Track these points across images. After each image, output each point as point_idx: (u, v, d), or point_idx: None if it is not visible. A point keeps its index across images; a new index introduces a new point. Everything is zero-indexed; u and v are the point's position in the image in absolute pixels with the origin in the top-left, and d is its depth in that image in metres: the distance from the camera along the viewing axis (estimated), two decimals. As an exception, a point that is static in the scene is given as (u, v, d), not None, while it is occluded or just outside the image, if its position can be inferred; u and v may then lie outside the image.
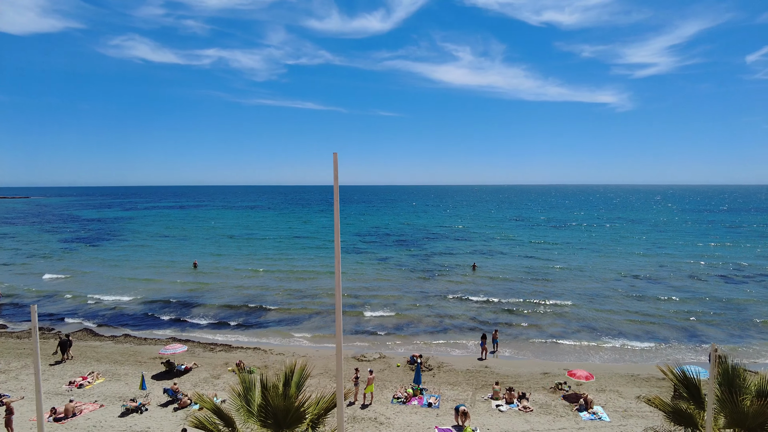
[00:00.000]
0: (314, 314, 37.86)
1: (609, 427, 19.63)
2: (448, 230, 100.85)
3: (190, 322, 36.23)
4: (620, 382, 24.49)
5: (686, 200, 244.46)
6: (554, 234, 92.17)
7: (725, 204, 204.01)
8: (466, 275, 52.23)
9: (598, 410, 21.04)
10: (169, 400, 22.37)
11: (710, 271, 53.19)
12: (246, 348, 30.15)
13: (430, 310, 38.66)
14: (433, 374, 25.67)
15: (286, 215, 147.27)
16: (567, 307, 39.15)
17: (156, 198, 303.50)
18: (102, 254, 68.03)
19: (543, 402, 22.18)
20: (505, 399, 22.29)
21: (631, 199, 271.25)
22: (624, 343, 31.24)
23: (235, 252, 70.04)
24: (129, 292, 45.18)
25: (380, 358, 28.35)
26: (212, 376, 25.51)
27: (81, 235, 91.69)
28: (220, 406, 9.75)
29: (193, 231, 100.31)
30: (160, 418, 20.71)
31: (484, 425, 19.92)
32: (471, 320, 36.19)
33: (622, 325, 34.79)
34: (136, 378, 25.22)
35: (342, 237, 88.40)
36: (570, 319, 36.04)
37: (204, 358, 28.36)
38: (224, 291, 45.66)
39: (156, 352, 29.33)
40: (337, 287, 7.68)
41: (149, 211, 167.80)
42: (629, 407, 21.39)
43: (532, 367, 26.93)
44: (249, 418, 9.67)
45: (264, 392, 9.64)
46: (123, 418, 20.73)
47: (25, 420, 20.29)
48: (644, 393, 22.87)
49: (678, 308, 38.59)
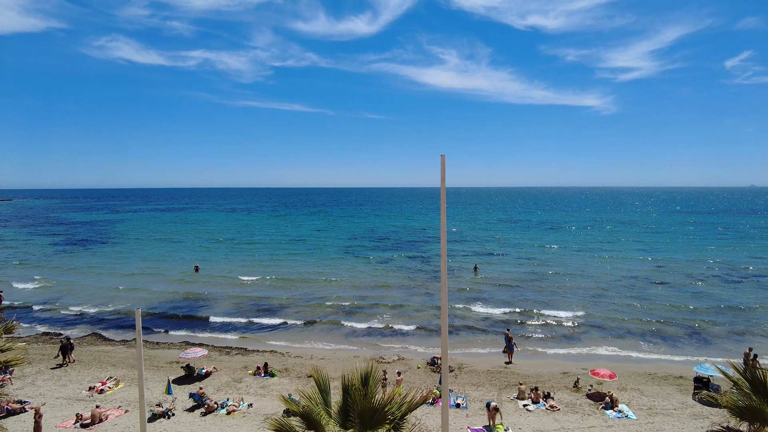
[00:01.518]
0: (323, 317, 37.77)
1: (637, 425, 20.01)
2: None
3: (199, 326, 35.88)
4: (639, 380, 24.96)
5: (673, 203, 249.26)
6: (549, 236, 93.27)
7: (711, 206, 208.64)
8: (468, 277, 52.59)
9: (623, 408, 21.42)
10: (195, 404, 22.17)
11: (707, 272, 54.40)
12: (262, 351, 29.99)
13: (439, 312, 38.85)
14: (456, 375, 25.86)
15: (276, 218, 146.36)
16: (574, 307, 39.70)
17: (141, 200, 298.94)
18: (98, 258, 66.88)
19: (568, 401, 22.51)
20: (531, 398, 22.58)
21: (617, 201, 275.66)
22: (634, 342, 31.83)
23: (232, 256, 69.47)
24: (132, 296, 44.55)
25: (399, 359, 28.45)
26: (233, 379, 25.33)
27: (72, 239, 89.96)
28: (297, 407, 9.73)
29: (185, 234, 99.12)
30: (189, 423, 20.52)
31: (515, 424, 20.16)
32: (481, 321, 36.50)
33: (629, 324, 35.41)
34: (157, 383, 24.92)
35: (338, 239, 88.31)
36: (578, 319, 36.58)
37: (221, 361, 28.13)
38: (228, 294, 45.28)
39: (172, 356, 29.01)
40: (443, 287, 7.80)
41: (136, 214, 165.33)
42: (653, 405, 21.82)
43: (550, 367, 27.30)
44: (328, 420, 9.70)
45: (348, 394, 9.68)
46: (151, 424, 20.50)
47: (50, 426, 19.91)
48: (666, 391, 23.36)
49: (681, 308, 39.42)
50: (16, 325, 13.85)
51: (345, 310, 39.54)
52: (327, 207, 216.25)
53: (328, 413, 9.86)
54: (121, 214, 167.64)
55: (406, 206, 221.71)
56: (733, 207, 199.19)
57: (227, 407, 21.72)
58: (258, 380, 25.15)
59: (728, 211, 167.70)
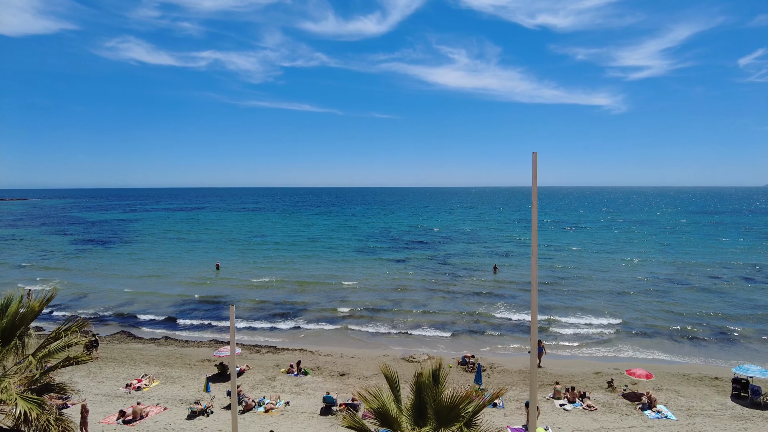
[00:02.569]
0: (346, 317, 37.90)
1: (678, 425, 19.89)
2: (456, 232, 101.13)
3: (224, 324, 36.13)
4: (674, 381, 24.77)
5: (687, 202, 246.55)
6: (566, 237, 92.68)
7: (727, 205, 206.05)
8: (488, 277, 52.46)
9: (662, 409, 21.29)
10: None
11: (731, 273, 53.78)
12: (292, 350, 30.18)
13: (464, 311, 38.86)
14: (488, 375, 25.84)
15: (288, 218, 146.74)
16: (599, 308, 39.47)
17: (153, 200, 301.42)
18: (118, 257, 67.61)
19: (604, 401, 22.41)
20: (567, 398, 22.51)
21: (630, 200, 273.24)
22: (662, 342, 31.61)
23: (248, 256, 69.83)
24: (155, 295, 45.01)
25: (429, 359, 28.47)
26: (267, 377, 25.51)
27: (90, 238, 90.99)
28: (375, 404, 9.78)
29: (200, 234, 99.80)
30: (228, 421, 20.71)
31: (554, 424, 20.12)
32: (506, 321, 36.42)
33: (656, 325, 35.14)
34: (192, 381, 25.18)
35: (352, 240, 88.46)
36: (605, 319, 36.34)
37: (252, 360, 28.35)
38: (249, 294, 45.58)
39: (202, 354, 29.29)
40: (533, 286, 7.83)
41: (149, 214, 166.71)
42: (692, 406, 21.66)
43: (581, 367, 27.19)
44: (400, 416, 9.76)
45: (422, 391, 9.72)
46: (191, 421, 20.72)
47: (93, 422, 20.22)
48: (703, 392, 23.18)
49: (707, 309, 39.00)
50: (88, 323, 14.08)
51: (368, 310, 39.62)
52: (338, 207, 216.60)
53: (400, 411, 9.92)
54: (134, 213, 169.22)
55: (415, 206, 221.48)
56: (751, 206, 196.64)
57: (265, 405, 21.91)
58: (291, 378, 25.32)
59: (745, 211, 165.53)
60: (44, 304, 11.36)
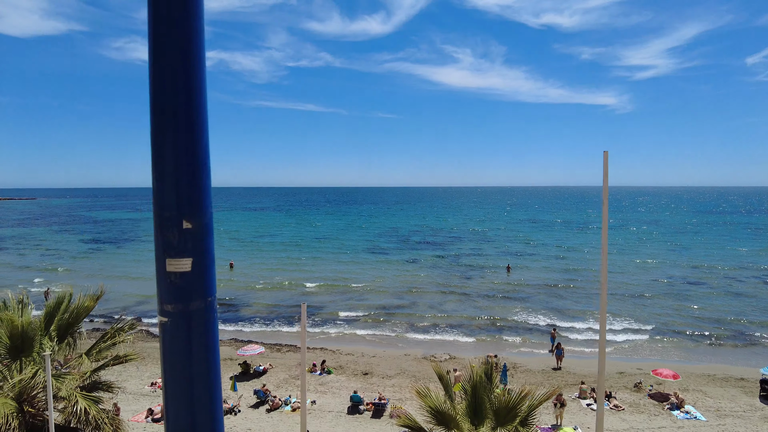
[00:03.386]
0: (361, 317, 37.92)
1: (708, 426, 19.80)
2: (465, 232, 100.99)
3: (242, 323, 36.29)
4: (700, 381, 24.66)
5: (695, 202, 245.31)
6: (576, 237, 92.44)
7: (737, 206, 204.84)
8: (501, 277, 52.39)
9: (690, 409, 21.20)
10: (259, 401, 22.44)
11: (746, 273, 53.48)
12: (313, 348, 30.25)
13: (480, 312, 38.81)
14: (511, 375, 25.79)
15: (294, 217, 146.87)
16: (617, 308, 39.29)
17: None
18: (132, 255, 67.95)
19: (631, 401, 22.34)
20: (593, 398, 22.44)
21: (637, 200, 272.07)
22: (683, 343, 31.48)
23: (258, 255, 70.01)
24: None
25: (451, 358, 28.47)
26: (290, 376, 25.59)
27: (102, 237, 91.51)
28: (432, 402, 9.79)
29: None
30: (257, 420, 20.81)
31: (582, 424, 20.09)
32: (523, 322, 36.33)
33: (674, 326, 34.96)
34: (216, 379, 25.26)
35: (361, 239, 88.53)
36: (622, 320, 36.20)
37: (274, 358, 28.44)
38: (264, 293, 45.69)
39: (223, 353, 29.38)
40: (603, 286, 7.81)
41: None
42: (720, 407, 21.55)
43: (605, 367, 27.04)
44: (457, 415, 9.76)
45: (477, 390, 9.73)
46: (219, 419, 20.79)
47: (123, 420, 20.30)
48: (730, 393, 23.07)
49: (725, 310, 38.80)
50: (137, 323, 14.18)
51: (383, 310, 39.62)
52: (343, 206, 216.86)
53: (454, 409, 9.93)
54: (142, 212, 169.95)
55: (422, 206, 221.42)
56: (761, 206, 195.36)
57: (291, 404, 21.97)
58: (315, 377, 25.38)
59: (756, 211, 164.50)
60: (96, 301, 11.45)
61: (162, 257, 1.32)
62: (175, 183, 1.27)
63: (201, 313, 1.39)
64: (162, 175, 1.27)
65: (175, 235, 1.31)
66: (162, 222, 1.30)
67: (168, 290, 1.36)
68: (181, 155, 1.27)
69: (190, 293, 1.36)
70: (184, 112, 1.24)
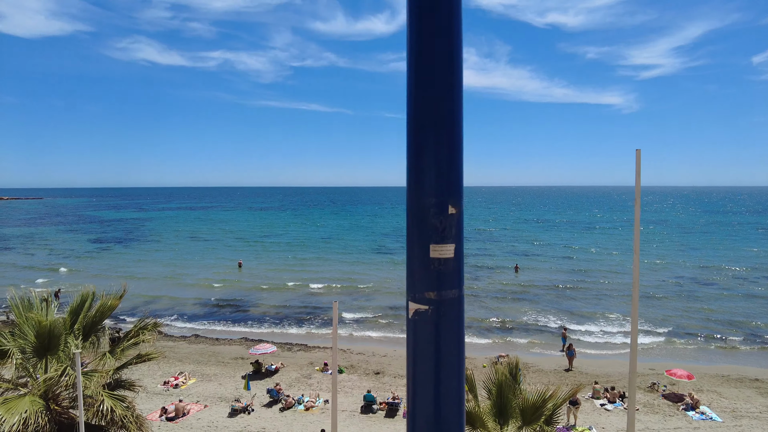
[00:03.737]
0: (372, 316, 37.92)
1: (724, 427, 19.69)
2: (470, 232, 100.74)
3: (251, 323, 36.37)
4: (714, 382, 24.53)
5: (702, 202, 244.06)
6: (583, 237, 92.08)
7: (744, 205, 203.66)
8: (510, 277, 52.28)
9: (705, 410, 21.08)
10: (272, 400, 22.47)
11: (756, 274, 53.16)
12: (323, 348, 30.30)
13: (489, 311, 38.75)
14: (523, 375, 25.64)
15: (299, 217, 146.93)
16: (625, 308, 39.15)
17: (164, 199, 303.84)
18: (137, 255, 68.22)
19: (644, 401, 22.23)
20: (607, 398, 22.37)
21: (643, 200, 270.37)
22: (694, 343, 31.31)
23: (264, 255, 70.13)
24: (178, 293, 45.35)
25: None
26: (302, 375, 25.62)
27: (109, 237, 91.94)
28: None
29: (214, 233, 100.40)
30: (270, 419, 20.84)
31: (597, 424, 20.01)
32: (533, 322, 36.25)
33: (685, 326, 34.76)
34: (227, 378, 25.36)
35: (367, 239, 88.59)
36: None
37: (285, 357, 28.46)
38: (272, 292, 45.76)
39: (235, 352, 29.48)
40: (635, 286, 7.77)
41: (162, 213, 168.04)
42: (736, 408, 21.42)
43: (617, 367, 26.99)
44: (483, 415, 9.75)
45: (504, 389, 9.70)
46: (233, 419, 20.87)
47: (137, 419, 20.39)
48: (745, 394, 22.93)
49: (736, 310, 38.57)
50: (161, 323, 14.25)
51: (392, 310, 39.57)
52: (348, 206, 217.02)
53: (480, 409, 9.91)
54: (148, 212, 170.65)
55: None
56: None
57: (305, 403, 21.99)
58: (327, 376, 25.39)
59: (763, 211, 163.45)
60: (120, 300, 11.50)
61: (425, 243, 1.32)
62: (438, 169, 1.30)
63: (458, 301, 1.38)
64: (423, 162, 1.29)
65: (440, 221, 1.31)
66: (426, 207, 1.30)
67: (430, 277, 1.35)
68: (442, 145, 1.29)
69: (451, 280, 1.36)
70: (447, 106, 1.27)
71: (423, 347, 1.37)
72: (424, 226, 1.32)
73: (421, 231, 1.33)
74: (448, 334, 1.38)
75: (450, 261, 1.35)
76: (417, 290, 1.37)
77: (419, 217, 1.32)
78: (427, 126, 1.30)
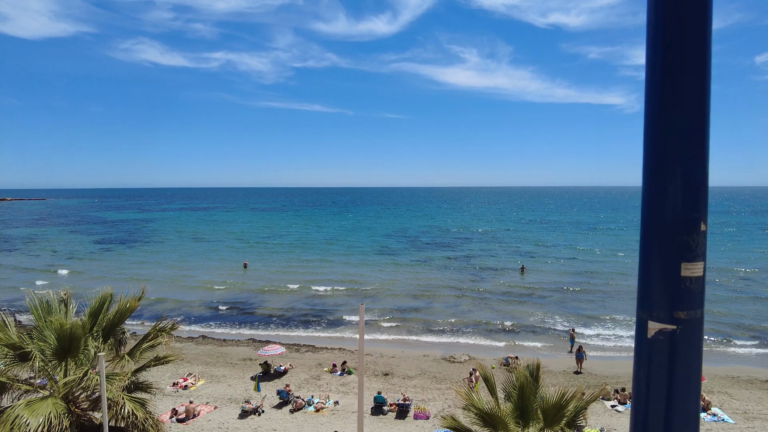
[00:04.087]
0: (378, 317, 37.88)
1: (737, 429, 19.61)
2: (474, 233, 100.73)
3: (258, 324, 36.36)
4: (724, 383, 24.44)
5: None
6: (588, 238, 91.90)
7: (748, 206, 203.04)
8: (516, 278, 52.21)
9: (717, 411, 21.00)
10: (282, 401, 22.44)
11: (762, 275, 52.99)
12: (331, 349, 30.26)
13: (496, 313, 38.69)
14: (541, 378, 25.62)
15: (302, 218, 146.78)
16: (631, 310, 39.01)
17: (166, 200, 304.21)
18: (138, 257, 68.29)
19: (655, 404, 22.13)
20: (617, 399, 22.30)
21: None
22: (704, 345, 30.94)
23: (268, 257, 70.12)
24: (184, 294, 45.38)
25: (470, 359, 28.37)
26: (312, 377, 25.60)
27: (112, 238, 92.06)
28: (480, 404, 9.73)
29: (217, 234, 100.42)
30: (280, 420, 20.81)
31: (608, 425, 19.93)
32: (542, 322, 36.17)
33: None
34: (237, 379, 25.34)
35: (370, 240, 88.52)
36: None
37: (294, 359, 28.44)
38: (277, 293, 45.77)
39: (243, 353, 29.47)
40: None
41: (165, 213, 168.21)
42: (748, 409, 21.33)
43: (626, 368, 26.87)
44: (504, 416, 9.71)
45: (525, 391, 9.66)
46: (243, 420, 20.84)
47: (148, 421, 20.39)
48: (757, 395, 22.84)
49: (742, 312, 38.45)
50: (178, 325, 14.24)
51: (398, 312, 39.55)
52: (350, 207, 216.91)
53: (500, 410, 9.87)
54: (150, 213, 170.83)
55: (429, 206, 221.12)
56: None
57: (315, 405, 21.95)
58: (336, 378, 25.37)
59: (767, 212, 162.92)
60: (138, 301, 11.50)
61: (674, 261, 1.29)
62: (686, 182, 1.27)
63: (701, 321, 1.36)
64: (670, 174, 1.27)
65: (693, 239, 1.28)
66: (675, 223, 1.27)
67: (680, 296, 1.32)
68: (690, 156, 1.26)
69: (700, 299, 1.34)
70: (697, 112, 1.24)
71: (663, 367, 1.35)
72: (673, 243, 1.29)
73: (668, 247, 1.30)
74: (693, 354, 1.35)
75: (699, 280, 1.32)
76: (662, 309, 1.34)
77: (665, 232, 1.29)
78: (675, 135, 1.25)
